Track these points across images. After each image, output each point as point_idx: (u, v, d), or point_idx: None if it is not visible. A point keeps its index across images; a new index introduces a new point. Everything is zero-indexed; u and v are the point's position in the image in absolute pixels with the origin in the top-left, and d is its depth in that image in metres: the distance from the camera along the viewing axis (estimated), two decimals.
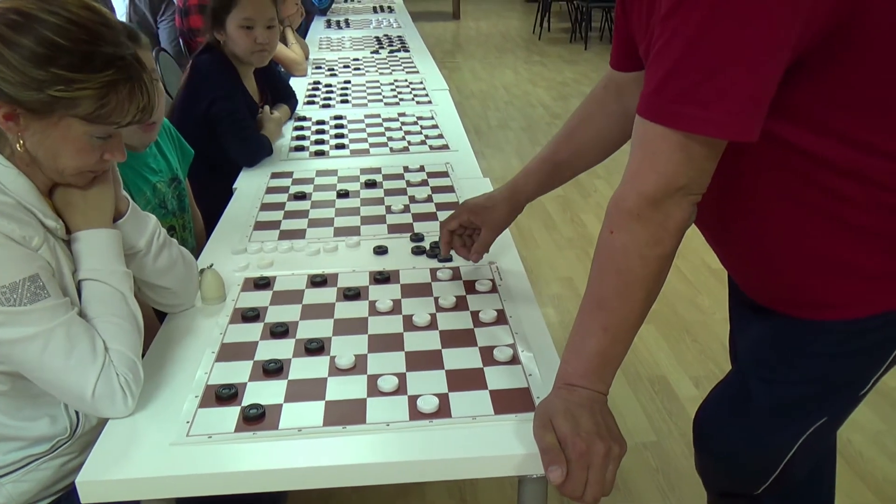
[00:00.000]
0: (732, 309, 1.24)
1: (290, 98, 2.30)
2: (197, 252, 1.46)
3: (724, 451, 1.12)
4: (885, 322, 0.95)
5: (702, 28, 0.75)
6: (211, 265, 1.25)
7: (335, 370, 1.04)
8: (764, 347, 1.06)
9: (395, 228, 1.52)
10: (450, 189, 1.72)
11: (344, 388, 1.00)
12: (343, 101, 2.49)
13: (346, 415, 0.95)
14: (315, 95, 2.57)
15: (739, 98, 0.76)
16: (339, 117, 2.29)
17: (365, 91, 2.62)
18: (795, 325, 0.99)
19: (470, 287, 1.27)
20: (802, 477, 1.11)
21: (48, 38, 0.88)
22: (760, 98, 0.78)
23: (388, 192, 1.71)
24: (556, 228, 3.28)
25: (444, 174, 1.82)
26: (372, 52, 3.25)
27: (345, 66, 3.00)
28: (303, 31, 4.01)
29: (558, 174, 1.25)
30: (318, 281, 1.30)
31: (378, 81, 2.75)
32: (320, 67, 3.00)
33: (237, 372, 1.04)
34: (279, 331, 1.14)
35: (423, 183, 1.76)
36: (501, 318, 1.17)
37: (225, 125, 1.88)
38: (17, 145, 0.94)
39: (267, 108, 2.11)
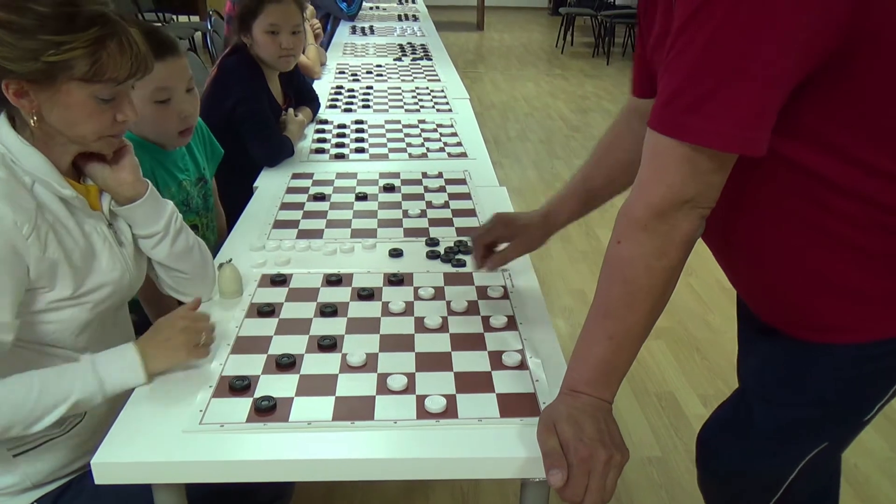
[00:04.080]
0: (741, 328, 1.24)
1: (312, 101, 2.34)
2: (217, 248, 1.49)
3: (726, 471, 1.12)
4: (892, 349, 0.94)
5: (711, 42, 0.77)
6: (230, 260, 1.28)
7: (346, 367, 1.07)
8: (769, 369, 1.06)
9: (410, 232, 1.54)
10: (467, 196, 1.75)
11: (354, 385, 1.02)
12: (364, 106, 2.52)
13: (354, 411, 0.97)
14: (338, 99, 2.61)
15: (746, 112, 0.78)
16: (360, 122, 2.33)
17: (386, 97, 2.65)
18: (801, 348, 0.99)
19: (482, 293, 1.29)
20: (805, 499, 1.11)
21: (32, 10, 0.93)
22: (768, 113, 0.79)
23: (406, 197, 1.73)
24: (571, 241, 3.29)
25: (462, 181, 1.84)
26: (395, 60, 3.29)
27: (367, 72, 3.04)
28: (328, 36, 4.06)
29: (592, 201, 1.26)
30: (334, 280, 1.32)
31: (400, 88, 2.78)
32: (343, 72, 3.04)
33: (251, 364, 1.07)
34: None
35: (441, 189, 1.79)
36: (511, 324, 1.19)
37: (248, 125, 1.92)
38: (31, 121, 0.98)
39: (291, 110, 2.15)
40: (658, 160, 0.84)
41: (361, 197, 1.73)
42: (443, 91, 2.74)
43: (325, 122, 2.33)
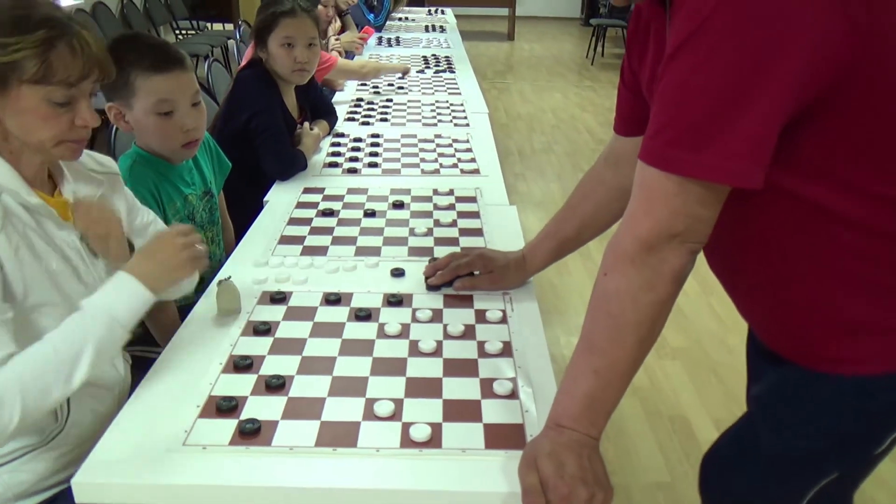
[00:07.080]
0: (749, 353, 1.22)
1: (330, 115, 2.35)
2: (223, 262, 1.50)
3: (730, 499, 1.09)
4: None
5: (699, 72, 0.75)
6: (228, 277, 1.28)
7: (335, 390, 1.06)
8: (777, 397, 1.04)
9: (415, 251, 1.53)
10: (475, 215, 1.73)
11: (340, 410, 1.02)
12: (382, 120, 2.53)
13: (338, 437, 0.96)
14: (356, 112, 2.62)
15: (737, 143, 0.76)
16: (376, 136, 2.33)
17: (405, 111, 2.65)
18: (809, 377, 0.97)
19: (480, 316, 1.28)
20: None
21: None
22: (760, 143, 0.77)
23: (415, 214, 1.73)
24: (591, 258, 3.25)
25: (473, 199, 1.83)
26: (417, 72, 3.29)
27: (389, 85, 3.05)
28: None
29: (564, 249, 1.35)
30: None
31: (419, 101, 2.78)
32: (365, 84, 3.06)
33: (241, 385, 1.07)
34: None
35: (450, 207, 1.77)
36: (507, 351, 1.17)
37: (262, 139, 1.93)
38: None
39: (307, 123, 2.16)
40: (647, 193, 0.82)
41: (370, 213, 1.72)
42: (462, 105, 2.74)
43: (342, 135, 2.34)
